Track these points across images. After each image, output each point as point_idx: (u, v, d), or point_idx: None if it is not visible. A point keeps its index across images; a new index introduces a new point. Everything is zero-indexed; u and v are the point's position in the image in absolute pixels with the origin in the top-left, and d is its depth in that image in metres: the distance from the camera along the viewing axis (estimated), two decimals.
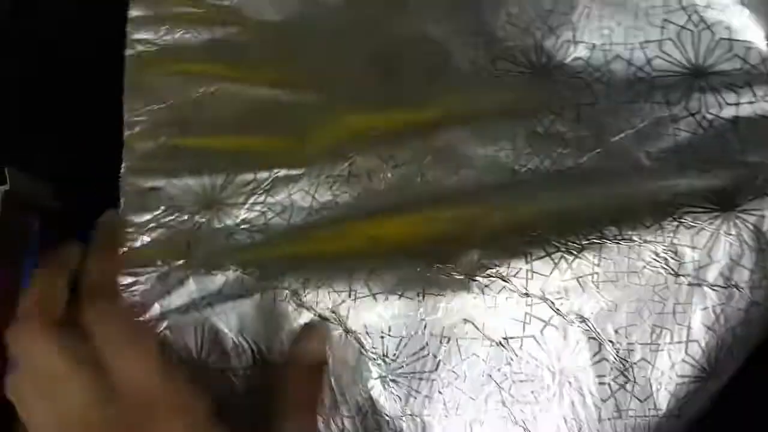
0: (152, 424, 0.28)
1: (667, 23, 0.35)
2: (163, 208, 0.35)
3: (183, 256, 0.34)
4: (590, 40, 0.36)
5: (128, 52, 0.37)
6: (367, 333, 0.33)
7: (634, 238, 0.33)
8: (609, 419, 0.34)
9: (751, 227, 0.34)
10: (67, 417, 0.27)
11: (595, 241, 0.33)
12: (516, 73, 0.36)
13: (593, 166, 0.34)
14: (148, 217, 0.34)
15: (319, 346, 0.33)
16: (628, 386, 0.34)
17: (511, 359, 0.34)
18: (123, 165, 0.35)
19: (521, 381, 0.34)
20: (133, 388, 0.28)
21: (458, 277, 0.33)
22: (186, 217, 0.35)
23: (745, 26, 0.35)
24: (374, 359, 0.33)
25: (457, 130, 0.35)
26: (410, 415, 0.34)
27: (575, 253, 0.33)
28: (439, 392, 0.34)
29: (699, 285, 0.34)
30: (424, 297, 0.33)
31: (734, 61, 0.35)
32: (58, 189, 0.40)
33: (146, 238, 0.34)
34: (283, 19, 0.38)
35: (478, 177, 0.35)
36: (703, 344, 0.34)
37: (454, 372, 0.34)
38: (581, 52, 0.36)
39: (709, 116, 0.35)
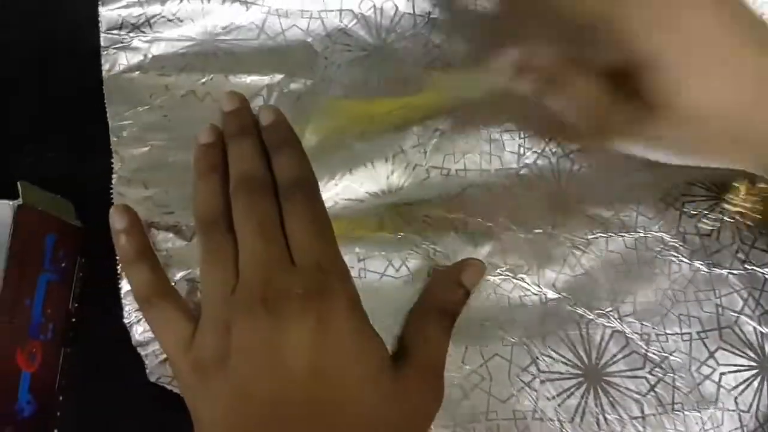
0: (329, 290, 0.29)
1: None
2: (157, 220, 0.34)
3: (186, 265, 0.34)
4: None
5: (104, 52, 0.38)
6: None
7: (639, 229, 0.34)
8: (654, 415, 0.32)
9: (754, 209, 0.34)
10: None
11: (600, 235, 0.34)
12: None
13: (591, 152, 0.35)
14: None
15: None
16: (668, 378, 0.32)
17: (537, 358, 0.33)
18: (113, 174, 0.35)
19: (550, 380, 0.32)
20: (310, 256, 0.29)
21: None
22: (185, 228, 0.34)
23: None
24: None
25: (459, 112, 0.35)
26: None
27: (582, 248, 0.34)
28: (465, 397, 0.32)
29: (716, 270, 0.34)
30: None
31: None
32: (79, 205, 0.39)
33: None
34: None
35: (481, 164, 0.35)
36: (737, 330, 0.33)
37: (478, 374, 0.33)
38: None
39: None
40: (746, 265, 0.34)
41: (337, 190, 0.34)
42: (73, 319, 0.37)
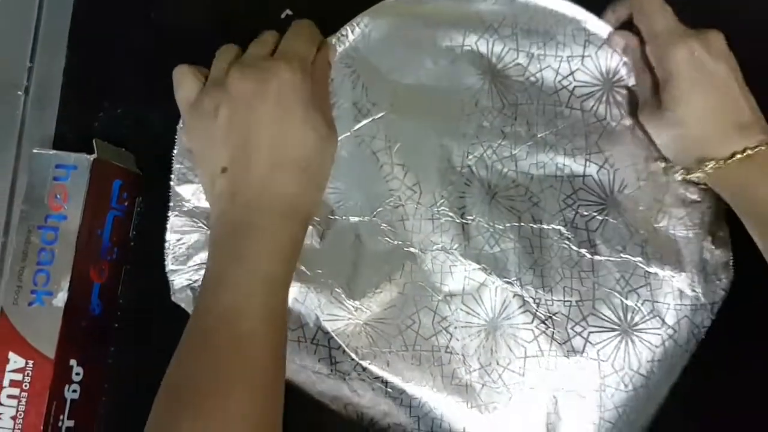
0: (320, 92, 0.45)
1: (588, 43, 0.47)
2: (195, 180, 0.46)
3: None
4: (529, 50, 0.46)
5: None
6: None
7: (543, 223, 0.45)
8: (534, 356, 0.43)
9: (634, 214, 0.45)
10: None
11: (514, 224, 0.45)
12: (472, 74, 0.46)
13: (523, 156, 0.46)
14: (191, 188, 0.46)
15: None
16: (549, 332, 0.44)
17: (456, 311, 0.44)
18: (175, 148, 0.46)
19: (461, 327, 0.44)
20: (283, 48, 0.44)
21: (413, 250, 0.45)
22: None
23: None
24: None
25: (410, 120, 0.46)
26: None
27: (500, 233, 0.45)
28: (400, 333, 0.45)
29: (597, 257, 0.44)
30: None
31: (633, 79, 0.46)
32: (138, 156, 0.48)
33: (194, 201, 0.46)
34: None
35: (429, 166, 0.45)
36: (607, 302, 0.44)
37: (411, 319, 0.44)
38: (522, 59, 0.47)
39: (613, 123, 0.46)
40: (622, 255, 0.44)
41: None
42: (132, 244, 0.48)
